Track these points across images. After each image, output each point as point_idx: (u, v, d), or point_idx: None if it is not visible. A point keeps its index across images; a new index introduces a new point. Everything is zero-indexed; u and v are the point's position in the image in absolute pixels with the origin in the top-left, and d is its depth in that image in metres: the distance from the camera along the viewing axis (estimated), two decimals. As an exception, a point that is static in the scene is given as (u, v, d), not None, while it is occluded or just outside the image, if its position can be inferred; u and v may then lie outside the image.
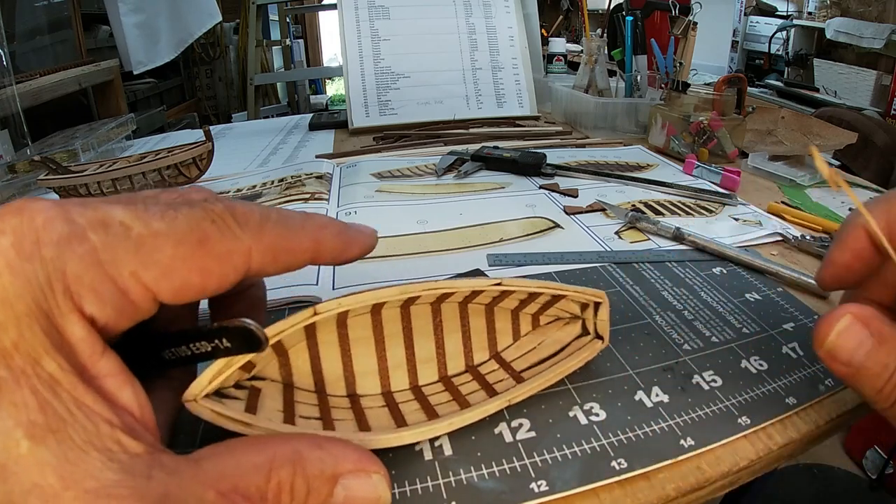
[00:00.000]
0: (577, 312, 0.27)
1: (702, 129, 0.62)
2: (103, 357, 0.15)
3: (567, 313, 0.28)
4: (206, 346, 0.17)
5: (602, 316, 0.27)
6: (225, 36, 2.54)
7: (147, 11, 1.43)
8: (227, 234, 0.16)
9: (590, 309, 0.27)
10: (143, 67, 1.45)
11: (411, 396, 0.24)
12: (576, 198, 0.52)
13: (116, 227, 0.14)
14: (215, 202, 0.16)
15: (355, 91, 0.77)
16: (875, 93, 1.76)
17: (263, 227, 0.17)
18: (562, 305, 0.27)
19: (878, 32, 1.69)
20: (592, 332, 0.27)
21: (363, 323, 0.24)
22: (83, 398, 0.13)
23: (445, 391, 0.24)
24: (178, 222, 0.15)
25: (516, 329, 0.27)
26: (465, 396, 0.24)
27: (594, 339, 0.27)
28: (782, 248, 0.42)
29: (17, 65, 1.17)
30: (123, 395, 0.15)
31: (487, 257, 0.40)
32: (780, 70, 2.24)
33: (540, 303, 0.27)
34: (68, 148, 0.65)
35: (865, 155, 1.31)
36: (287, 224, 0.18)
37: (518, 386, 0.24)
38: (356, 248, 0.20)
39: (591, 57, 0.79)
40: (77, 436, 0.13)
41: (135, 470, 0.13)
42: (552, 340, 0.27)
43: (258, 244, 0.17)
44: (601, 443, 0.23)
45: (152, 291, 0.15)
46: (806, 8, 2.13)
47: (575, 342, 0.27)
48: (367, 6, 0.79)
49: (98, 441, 0.13)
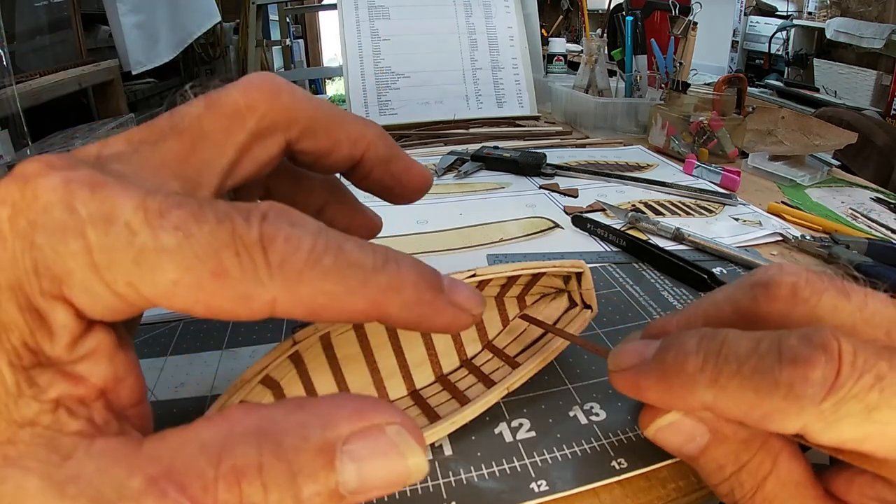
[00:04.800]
0: (560, 286, 0.27)
1: (702, 129, 0.62)
2: (86, 339, 0.13)
3: (551, 289, 0.27)
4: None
5: (586, 285, 0.26)
6: (225, 36, 2.54)
7: (146, 11, 1.43)
8: (249, 275, 0.13)
9: (573, 281, 0.27)
10: (142, 67, 1.45)
11: (411, 402, 0.24)
12: (576, 198, 0.52)
13: (120, 229, 0.12)
14: (256, 224, 0.13)
15: (355, 91, 0.77)
16: (875, 93, 1.76)
17: (304, 275, 0.13)
18: (544, 282, 0.27)
19: (878, 32, 1.69)
20: (580, 302, 0.27)
21: (349, 339, 0.24)
22: (40, 379, 0.13)
23: (444, 391, 0.24)
24: (192, 242, 0.12)
25: (504, 315, 0.27)
26: (464, 392, 0.24)
27: (583, 309, 0.27)
28: (782, 248, 0.42)
29: (17, 65, 1.17)
30: (95, 373, 0.13)
31: (487, 257, 0.40)
32: (780, 70, 2.24)
33: (521, 284, 0.27)
34: (68, 148, 0.65)
35: (865, 155, 1.31)
36: (343, 275, 0.13)
37: (515, 371, 0.24)
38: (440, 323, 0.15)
39: (591, 57, 0.79)
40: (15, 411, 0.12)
41: (59, 448, 0.12)
42: (542, 317, 0.27)
43: (288, 297, 0.13)
44: (601, 442, 0.23)
45: (151, 302, 0.13)
46: (806, 8, 2.13)
47: (565, 315, 0.27)
48: (367, 6, 0.79)
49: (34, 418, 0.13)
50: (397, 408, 0.13)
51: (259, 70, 2.20)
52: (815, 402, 0.14)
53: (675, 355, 0.17)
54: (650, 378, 0.17)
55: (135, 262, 0.12)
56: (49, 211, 0.12)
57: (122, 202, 0.13)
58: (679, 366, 0.16)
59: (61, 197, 0.12)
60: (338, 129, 0.19)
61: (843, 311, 0.17)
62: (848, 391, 0.14)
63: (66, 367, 0.13)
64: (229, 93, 0.16)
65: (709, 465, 0.18)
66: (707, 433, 0.17)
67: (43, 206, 0.12)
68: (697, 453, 0.18)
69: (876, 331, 0.17)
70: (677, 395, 0.17)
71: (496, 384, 0.23)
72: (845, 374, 0.14)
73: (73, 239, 0.12)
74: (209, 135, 0.16)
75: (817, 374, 0.14)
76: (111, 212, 0.12)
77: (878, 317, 0.17)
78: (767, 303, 0.18)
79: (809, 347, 0.15)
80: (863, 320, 0.17)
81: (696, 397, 0.16)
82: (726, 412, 0.16)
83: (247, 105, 0.16)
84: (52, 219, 0.12)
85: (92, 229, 0.12)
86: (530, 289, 0.27)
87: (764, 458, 0.17)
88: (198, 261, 0.12)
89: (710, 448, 0.18)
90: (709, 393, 0.16)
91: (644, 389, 0.18)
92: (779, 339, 0.15)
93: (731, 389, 0.15)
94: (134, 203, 0.13)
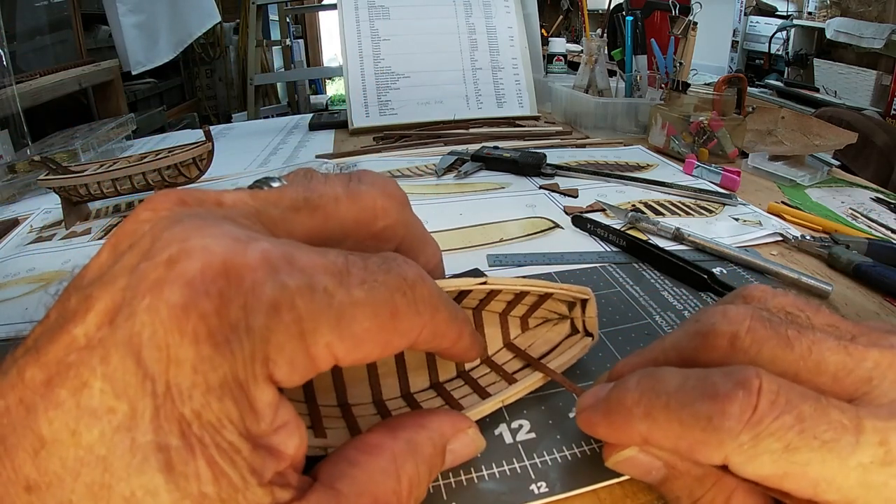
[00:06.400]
0: (564, 312, 0.27)
1: (702, 129, 0.62)
2: (279, 411, 0.14)
3: (555, 314, 0.28)
4: None
5: (590, 313, 0.27)
6: (225, 36, 2.54)
7: (146, 11, 1.43)
8: (413, 309, 0.15)
9: (577, 308, 0.27)
10: (141, 68, 1.45)
11: (403, 403, 0.24)
12: (576, 198, 0.52)
13: (321, 294, 0.14)
14: (412, 268, 0.16)
15: (355, 91, 0.77)
16: (875, 93, 1.76)
17: (439, 308, 0.16)
18: (549, 306, 0.27)
19: (878, 32, 1.69)
20: (581, 329, 0.27)
21: None
22: (257, 463, 0.13)
23: (437, 396, 0.24)
24: (376, 292, 0.15)
25: (506, 333, 0.27)
26: (458, 400, 0.24)
27: (584, 336, 0.27)
28: (782, 248, 0.42)
29: (17, 65, 1.17)
30: (290, 445, 0.14)
31: (487, 257, 0.40)
32: (780, 70, 2.24)
33: (527, 304, 0.27)
34: (68, 148, 0.65)
35: (865, 155, 1.31)
36: (450, 310, 0.17)
37: (511, 387, 0.24)
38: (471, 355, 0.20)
39: (591, 57, 0.79)
40: (245, 502, 0.13)
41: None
42: (542, 341, 0.27)
43: (430, 325, 0.16)
44: (601, 444, 0.23)
45: (337, 359, 0.14)
46: (806, 8, 2.13)
47: (565, 341, 0.27)
48: (367, 6, 0.79)
49: (260, 502, 0.13)
50: (471, 419, 0.20)
51: (259, 71, 2.20)
52: (732, 436, 0.15)
53: (618, 393, 0.18)
54: (598, 414, 0.19)
55: (336, 320, 0.14)
56: (259, 290, 0.13)
57: (313, 268, 0.14)
58: (620, 402, 0.18)
59: (268, 274, 0.13)
60: (423, 249, 0.22)
61: (785, 360, 0.17)
62: (765, 427, 0.15)
63: (268, 441, 0.14)
64: (369, 190, 0.18)
65: (668, 495, 0.19)
66: (662, 468, 0.18)
67: (252, 287, 0.13)
68: (657, 484, 0.19)
69: (821, 378, 0.17)
70: (619, 429, 0.18)
71: (491, 396, 0.23)
72: (763, 411, 0.15)
73: (286, 312, 0.13)
74: (342, 222, 0.18)
75: (734, 409, 0.15)
76: (312, 281, 0.14)
77: (822, 365, 0.17)
78: (706, 353, 0.18)
79: (730, 383, 0.16)
80: (806, 369, 0.17)
81: (634, 429, 0.17)
82: (660, 443, 0.17)
83: (382, 208, 0.18)
84: (264, 296, 0.13)
85: (300, 299, 0.13)
86: (535, 311, 0.27)
87: (717, 494, 0.18)
88: (382, 306, 0.15)
89: (667, 481, 0.19)
90: (643, 424, 0.17)
91: (594, 425, 0.19)
92: (705, 376, 0.16)
93: (661, 421, 0.16)
94: (323, 267, 0.14)
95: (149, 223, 0.14)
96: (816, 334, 0.17)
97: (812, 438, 0.15)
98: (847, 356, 0.17)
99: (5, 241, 0.49)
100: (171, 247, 0.13)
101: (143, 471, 0.12)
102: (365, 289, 0.14)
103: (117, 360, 0.12)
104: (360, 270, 0.15)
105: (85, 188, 0.50)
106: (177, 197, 0.15)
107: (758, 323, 0.18)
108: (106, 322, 0.12)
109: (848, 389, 0.16)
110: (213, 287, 0.12)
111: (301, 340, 0.13)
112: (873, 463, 0.14)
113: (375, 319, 0.14)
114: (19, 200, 0.60)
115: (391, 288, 0.15)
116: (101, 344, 0.12)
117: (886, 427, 0.15)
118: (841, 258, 0.39)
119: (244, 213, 0.15)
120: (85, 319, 0.12)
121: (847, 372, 0.17)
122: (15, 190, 0.61)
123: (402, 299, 0.15)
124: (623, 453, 0.19)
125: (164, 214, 0.14)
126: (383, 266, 0.15)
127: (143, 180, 0.50)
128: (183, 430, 0.12)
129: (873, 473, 0.14)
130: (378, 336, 0.15)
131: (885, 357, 0.16)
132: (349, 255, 0.15)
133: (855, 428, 0.15)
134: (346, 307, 0.14)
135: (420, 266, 0.17)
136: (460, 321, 0.18)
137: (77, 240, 0.48)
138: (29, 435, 0.12)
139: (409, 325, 0.15)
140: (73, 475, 0.12)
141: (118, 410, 0.12)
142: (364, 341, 0.14)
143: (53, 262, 0.44)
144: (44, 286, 0.40)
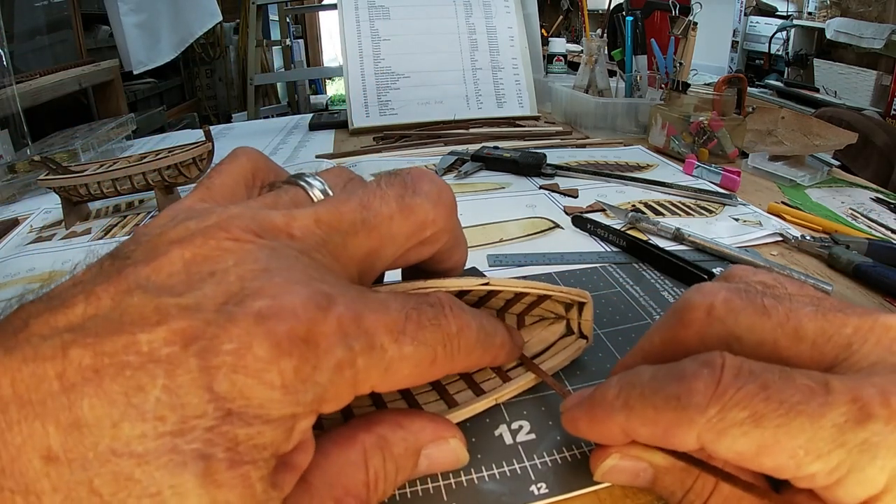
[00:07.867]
0: (561, 313, 0.28)
1: (702, 129, 0.62)
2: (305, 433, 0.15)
3: (551, 313, 0.28)
4: None
5: (586, 316, 0.27)
6: (225, 36, 2.55)
7: (147, 11, 1.43)
8: (449, 358, 0.17)
9: (574, 309, 0.27)
10: (143, 67, 1.45)
11: (398, 396, 0.24)
12: (576, 198, 0.52)
13: (378, 351, 0.15)
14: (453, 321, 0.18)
15: (355, 91, 0.77)
16: (875, 93, 1.76)
17: (473, 351, 0.19)
18: (546, 306, 0.27)
19: (878, 32, 1.69)
20: (577, 331, 0.27)
21: None
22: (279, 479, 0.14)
23: (433, 391, 0.24)
24: (422, 348, 0.16)
25: None
26: (453, 395, 0.24)
27: (578, 338, 0.27)
28: (782, 248, 0.42)
29: (17, 65, 1.17)
30: (305, 460, 0.16)
31: (487, 257, 0.40)
32: (780, 70, 2.24)
33: (525, 303, 0.27)
34: (68, 148, 0.65)
35: (865, 155, 1.31)
36: (485, 345, 0.19)
37: (505, 385, 0.24)
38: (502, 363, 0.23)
39: (591, 57, 0.79)
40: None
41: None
42: (537, 340, 0.27)
43: (462, 365, 0.19)
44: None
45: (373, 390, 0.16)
46: (806, 8, 2.13)
47: (560, 342, 0.27)
48: (367, 6, 0.79)
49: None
50: (457, 428, 0.20)
51: (259, 71, 2.20)
52: (700, 410, 0.15)
53: (600, 389, 0.19)
54: (581, 411, 0.19)
55: (385, 372, 0.16)
56: (331, 355, 0.14)
57: (376, 328, 0.15)
58: (601, 397, 0.18)
59: (340, 340, 0.15)
60: (458, 251, 0.22)
61: (763, 328, 0.17)
62: (730, 398, 0.15)
63: (290, 458, 0.15)
64: (422, 204, 0.19)
65: (662, 492, 0.19)
66: (649, 469, 0.19)
67: (325, 351, 0.14)
68: (649, 485, 0.19)
69: (801, 345, 0.17)
70: (600, 422, 0.18)
71: (486, 393, 0.23)
72: (726, 382, 0.15)
73: (347, 369, 0.15)
74: (396, 237, 0.18)
75: (699, 385, 0.16)
76: (373, 340, 0.15)
77: (801, 331, 0.17)
78: (683, 327, 0.19)
79: (696, 364, 0.16)
80: (785, 335, 0.17)
81: (614, 421, 0.18)
82: (638, 431, 0.17)
83: (433, 219, 0.19)
84: (334, 357, 0.14)
85: (361, 358, 0.15)
86: (532, 309, 0.27)
87: (705, 480, 0.18)
88: (424, 356, 0.17)
89: (658, 479, 0.19)
90: (622, 415, 0.17)
91: (576, 421, 0.20)
92: (676, 364, 0.17)
93: (637, 409, 0.17)
94: (384, 327, 0.16)
95: (232, 257, 0.15)
96: (794, 302, 0.17)
97: (778, 404, 0.14)
98: (826, 322, 0.17)
99: (5, 241, 0.49)
100: (261, 300, 0.14)
101: (179, 474, 0.12)
102: (414, 345, 0.16)
103: (186, 380, 0.13)
104: (414, 327, 0.16)
105: (85, 188, 0.50)
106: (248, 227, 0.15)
107: (733, 294, 0.18)
108: (178, 343, 0.13)
109: (828, 356, 0.16)
110: (296, 350, 0.14)
111: (352, 388, 0.15)
112: (848, 421, 0.14)
113: (416, 368, 0.16)
114: (19, 200, 0.60)
115: (436, 340, 0.17)
116: (168, 360, 0.13)
117: (856, 385, 0.15)
118: (841, 258, 0.39)
119: (314, 245, 0.17)
120: (154, 330, 0.13)
121: (826, 338, 0.17)
122: (15, 190, 0.61)
123: (442, 351, 0.17)
124: (606, 462, 0.19)
125: (249, 248, 0.15)
126: (433, 321, 0.17)
127: (143, 180, 0.50)
128: (230, 446, 0.13)
129: (850, 432, 0.14)
130: (413, 379, 0.17)
131: (865, 322, 0.16)
132: (409, 311, 0.17)
133: (822, 388, 0.15)
134: (395, 361, 0.16)
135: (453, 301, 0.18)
136: (495, 347, 0.20)
137: (77, 240, 0.48)
138: (64, 411, 0.12)
139: (442, 369, 0.18)
140: (101, 461, 0.12)
141: (169, 420, 0.12)
142: (400, 382, 0.17)
143: (53, 262, 0.44)
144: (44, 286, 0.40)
